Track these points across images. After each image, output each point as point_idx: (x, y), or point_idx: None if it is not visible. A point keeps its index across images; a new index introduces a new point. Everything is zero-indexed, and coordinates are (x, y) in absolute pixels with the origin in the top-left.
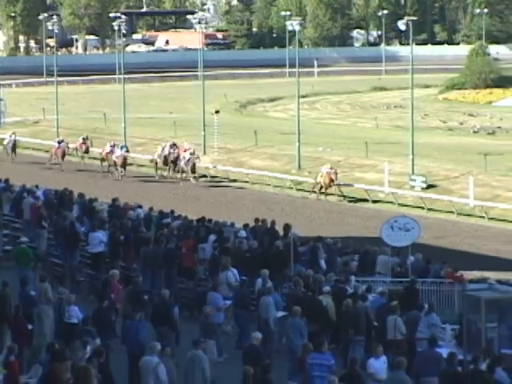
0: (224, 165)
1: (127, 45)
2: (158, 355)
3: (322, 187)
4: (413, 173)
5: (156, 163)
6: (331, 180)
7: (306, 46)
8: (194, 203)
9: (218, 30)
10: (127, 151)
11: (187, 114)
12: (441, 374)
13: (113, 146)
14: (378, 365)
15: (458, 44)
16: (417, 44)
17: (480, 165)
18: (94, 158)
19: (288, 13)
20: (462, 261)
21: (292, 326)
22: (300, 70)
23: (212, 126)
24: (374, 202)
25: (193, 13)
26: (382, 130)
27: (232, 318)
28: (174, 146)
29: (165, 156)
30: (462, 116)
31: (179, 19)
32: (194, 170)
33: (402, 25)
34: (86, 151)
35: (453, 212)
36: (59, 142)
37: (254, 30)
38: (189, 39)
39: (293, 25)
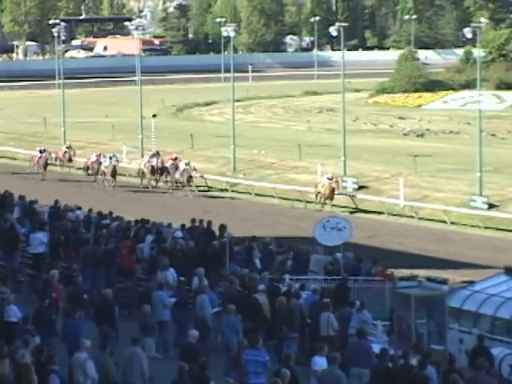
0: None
1: (66, 51)
2: (88, 351)
3: (321, 197)
4: (345, 174)
5: (143, 173)
6: (332, 190)
7: (240, 52)
8: (133, 205)
9: (155, 37)
10: (117, 161)
11: (125, 118)
12: (372, 369)
13: (98, 156)
14: (322, 362)
15: (388, 49)
16: (348, 49)
17: (410, 166)
18: (76, 168)
19: (223, 19)
20: (392, 259)
21: (227, 324)
22: (235, 75)
23: (149, 129)
24: (308, 202)
25: (130, 19)
26: (315, 132)
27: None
28: (157, 154)
29: (152, 166)
30: (392, 119)
31: (117, 26)
32: (189, 182)
33: (333, 31)
34: (70, 160)
35: (383, 212)
36: (41, 152)
37: (190, 36)
38: (126, 45)
39: (228, 31)
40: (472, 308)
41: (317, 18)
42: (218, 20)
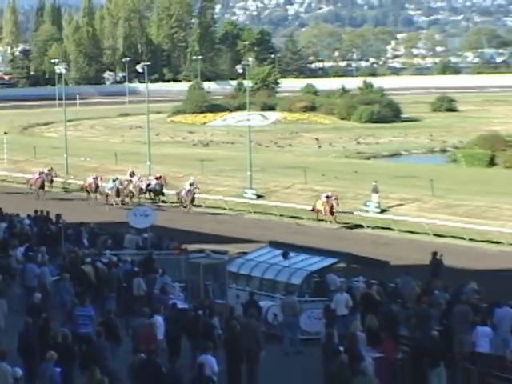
0: (13, 171)
1: None
2: None
3: (319, 213)
4: (149, 174)
5: (133, 194)
6: (332, 208)
7: (70, 85)
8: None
9: (5, 74)
10: (121, 184)
11: None
12: (169, 318)
13: (95, 178)
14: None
15: (181, 81)
16: (151, 82)
17: (198, 168)
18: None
19: (56, 60)
20: (185, 237)
21: (63, 288)
22: (66, 102)
23: (2, 143)
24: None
25: None
26: (127, 144)
27: None
28: (133, 174)
29: (140, 187)
30: (185, 133)
31: None
32: (193, 201)
33: (139, 68)
34: (51, 182)
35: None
36: (40, 173)
37: (32, 73)
38: None
39: (60, 69)
40: (245, 272)
41: (127, 59)
42: (53, 61)
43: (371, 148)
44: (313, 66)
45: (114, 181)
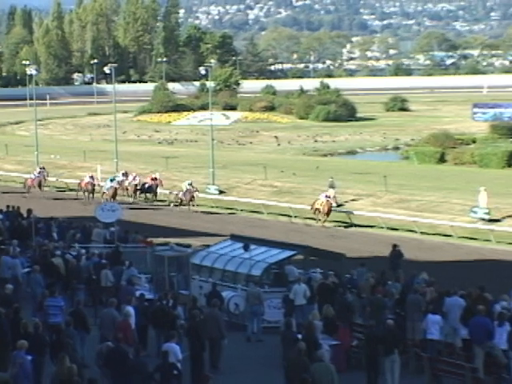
0: None
1: None
2: None
3: (319, 213)
4: (117, 171)
5: (130, 190)
6: (330, 207)
7: (40, 85)
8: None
9: None
10: (118, 183)
11: None
12: (139, 307)
13: (91, 177)
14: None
15: (146, 82)
16: (118, 82)
17: (163, 165)
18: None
19: (27, 62)
20: (151, 231)
21: (34, 280)
22: (36, 101)
23: None
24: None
25: None
26: (95, 142)
27: None
28: (126, 174)
29: (135, 185)
30: (150, 132)
31: None
32: (192, 200)
33: (107, 69)
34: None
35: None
36: (39, 173)
37: (4, 74)
38: None
39: (31, 70)
40: (208, 264)
41: (95, 61)
42: (24, 62)
43: (328, 146)
44: (272, 67)
45: (111, 180)
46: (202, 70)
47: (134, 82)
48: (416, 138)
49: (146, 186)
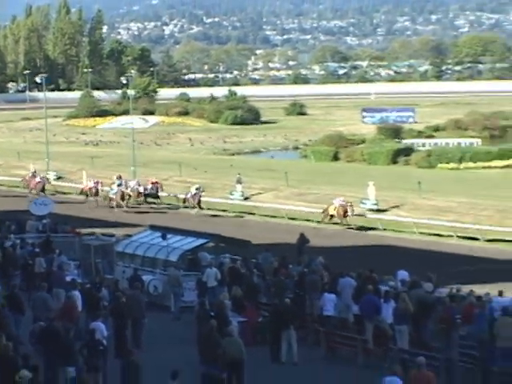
0: None
1: None
2: None
3: (332, 217)
4: (48, 169)
5: (129, 196)
6: (345, 212)
7: None
8: None
9: None
10: (126, 187)
11: None
12: (81, 290)
13: (96, 183)
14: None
15: (74, 90)
16: (48, 91)
17: (89, 164)
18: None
19: None
20: (80, 223)
21: None
22: None
23: None
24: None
25: None
26: (28, 144)
27: None
28: (120, 177)
29: (138, 191)
30: (78, 134)
31: None
32: (199, 203)
33: (38, 79)
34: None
35: (72, 193)
36: (41, 178)
37: None
38: None
39: None
40: (130, 251)
41: (28, 71)
42: None
43: (235, 146)
44: (186, 77)
45: (118, 185)
46: (124, 80)
47: (63, 90)
48: (313, 138)
49: (148, 189)
